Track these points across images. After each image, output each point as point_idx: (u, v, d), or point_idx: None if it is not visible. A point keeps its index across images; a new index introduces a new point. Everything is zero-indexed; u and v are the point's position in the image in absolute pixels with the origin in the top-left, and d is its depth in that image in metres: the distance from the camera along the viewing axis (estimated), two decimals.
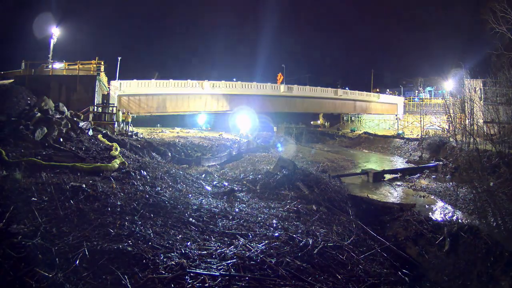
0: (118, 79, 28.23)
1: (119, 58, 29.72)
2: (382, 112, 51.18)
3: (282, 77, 46.11)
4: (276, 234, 6.34)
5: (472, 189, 15.09)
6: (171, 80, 30.95)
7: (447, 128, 30.11)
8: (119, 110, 23.32)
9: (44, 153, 10.02)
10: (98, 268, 4.02)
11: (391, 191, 17.40)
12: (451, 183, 18.07)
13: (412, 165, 25.03)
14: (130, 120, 24.38)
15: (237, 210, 8.20)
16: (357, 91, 47.59)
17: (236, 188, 11.06)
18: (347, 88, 49.17)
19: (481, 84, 28.09)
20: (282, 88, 38.61)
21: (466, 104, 25.93)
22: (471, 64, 27.00)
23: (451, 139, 26.58)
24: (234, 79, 35.73)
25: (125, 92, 28.06)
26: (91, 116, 19.02)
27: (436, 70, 51.92)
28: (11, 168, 7.61)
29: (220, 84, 33.70)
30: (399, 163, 28.26)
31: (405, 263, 7.61)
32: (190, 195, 8.63)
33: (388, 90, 59.37)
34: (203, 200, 8.38)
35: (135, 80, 28.93)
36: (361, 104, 48.03)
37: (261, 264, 4.77)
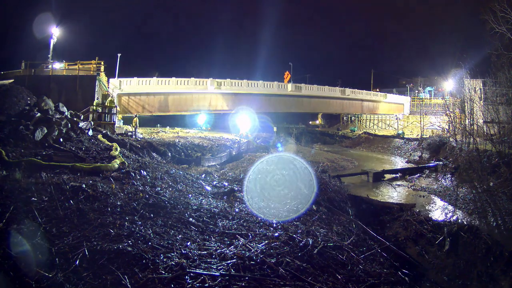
0: (117, 78, 27.68)
1: (119, 55, 29.08)
2: (389, 112, 50.40)
3: (289, 75, 44.83)
4: (276, 234, 6.33)
5: (472, 189, 15.12)
6: (173, 78, 29.92)
7: (447, 128, 30.12)
8: (118, 111, 23.23)
9: (44, 153, 10.02)
10: (98, 268, 4.01)
11: (391, 191, 17.41)
12: (451, 183, 18.07)
13: (412, 165, 25.06)
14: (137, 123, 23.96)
15: (237, 210, 8.19)
16: (364, 91, 46.21)
17: (236, 188, 11.06)
18: (354, 88, 47.90)
19: (481, 84, 28.08)
20: (290, 87, 37.22)
21: (466, 104, 25.94)
22: (471, 64, 26.95)
23: (451, 139, 26.58)
24: (237, 78, 34.97)
25: (125, 91, 27.53)
26: (91, 116, 19.01)
27: (436, 70, 51.91)
28: (11, 168, 7.60)
29: (225, 82, 32.45)
30: (399, 163, 28.29)
31: (405, 263, 7.61)
32: (190, 195, 8.62)
33: (394, 89, 58.97)
34: (203, 200, 8.38)
35: (135, 78, 28.23)
36: (368, 104, 47.02)
37: (261, 264, 4.77)
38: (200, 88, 31.26)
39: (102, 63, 23.39)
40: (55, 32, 24.11)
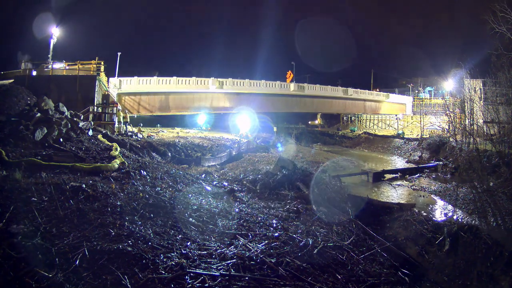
0: (117, 77, 27.53)
1: (119, 54, 28.82)
2: (392, 112, 50.25)
3: (292, 75, 44.59)
4: (276, 234, 6.34)
5: (472, 189, 15.07)
6: (174, 77, 29.66)
7: (447, 128, 30.14)
8: (119, 110, 23.28)
9: (44, 153, 10.02)
10: (98, 268, 4.01)
11: (391, 191, 17.40)
12: (451, 183, 18.07)
13: (412, 165, 25.04)
14: (128, 119, 24.28)
15: (237, 210, 8.20)
16: (367, 91, 45.93)
17: (236, 188, 11.06)
18: (355, 88, 47.36)
19: (481, 84, 28.10)
20: (292, 87, 36.88)
21: (466, 104, 25.95)
22: (471, 64, 26.93)
23: (451, 139, 26.59)
24: (239, 78, 34.79)
25: (125, 90, 27.40)
26: (91, 116, 19.02)
27: (436, 70, 51.89)
28: (11, 168, 7.59)
29: (227, 82, 32.16)
30: (399, 163, 28.29)
31: (405, 263, 7.59)
32: (190, 195, 8.62)
33: (397, 89, 58.90)
34: (203, 200, 8.38)
35: (135, 77, 28.05)
36: (371, 104, 46.80)
37: (261, 264, 4.77)
38: (202, 87, 31.02)
39: (102, 63, 23.39)
40: (55, 32, 24.14)
